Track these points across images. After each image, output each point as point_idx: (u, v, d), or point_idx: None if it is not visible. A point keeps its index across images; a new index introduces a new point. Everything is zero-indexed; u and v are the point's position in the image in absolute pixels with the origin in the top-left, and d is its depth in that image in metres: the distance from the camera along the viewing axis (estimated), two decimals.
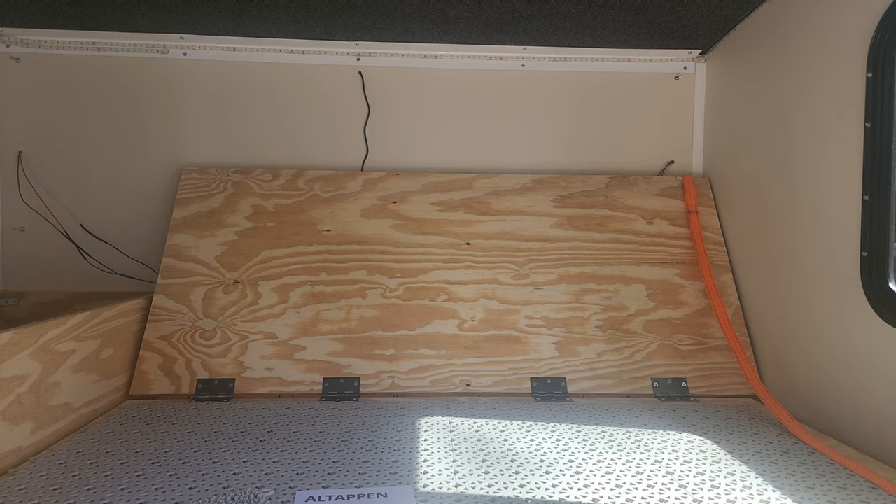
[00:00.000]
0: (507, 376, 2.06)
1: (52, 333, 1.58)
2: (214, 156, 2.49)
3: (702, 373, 2.08)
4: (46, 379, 1.56)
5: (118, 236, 2.44)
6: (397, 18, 2.20)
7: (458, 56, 2.51)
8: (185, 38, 2.41)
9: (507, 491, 1.30)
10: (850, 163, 1.66)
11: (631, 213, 2.36)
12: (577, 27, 2.28)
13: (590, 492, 1.30)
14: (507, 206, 2.36)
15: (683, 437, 1.63)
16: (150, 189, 2.46)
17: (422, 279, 2.21)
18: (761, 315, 2.09)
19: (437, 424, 1.72)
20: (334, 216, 2.31)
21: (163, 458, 1.46)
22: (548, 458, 1.48)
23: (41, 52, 2.41)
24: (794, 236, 1.90)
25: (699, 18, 2.20)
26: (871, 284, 1.58)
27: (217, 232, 2.26)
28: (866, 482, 1.36)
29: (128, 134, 2.46)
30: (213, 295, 2.15)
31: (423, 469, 1.40)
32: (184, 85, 2.47)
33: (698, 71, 2.57)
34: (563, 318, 2.17)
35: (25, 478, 1.35)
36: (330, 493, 1.27)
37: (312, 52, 2.48)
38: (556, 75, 2.56)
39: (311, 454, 1.49)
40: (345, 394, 1.99)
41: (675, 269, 2.27)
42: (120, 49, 2.43)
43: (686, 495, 1.29)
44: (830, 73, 1.75)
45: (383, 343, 2.10)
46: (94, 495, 1.26)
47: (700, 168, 2.57)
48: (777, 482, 1.36)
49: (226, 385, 1.99)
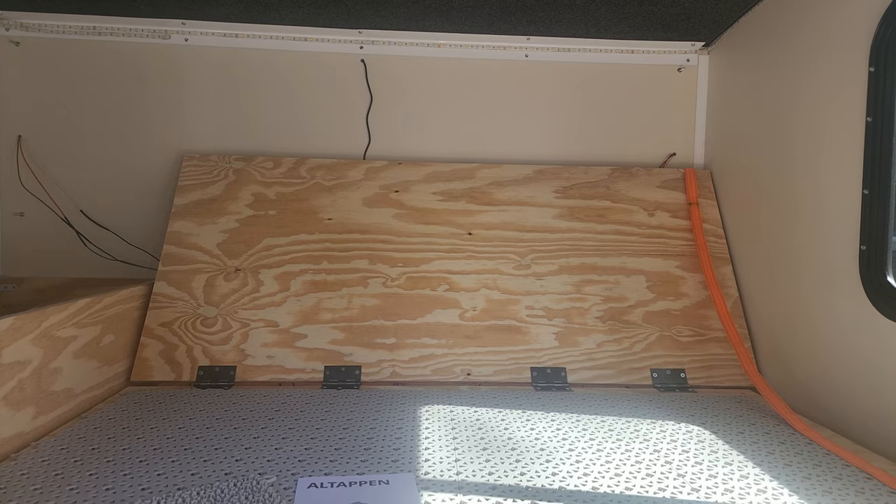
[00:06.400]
0: (508, 366, 2.07)
1: (54, 319, 1.58)
2: (216, 143, 2.48)
3: (700, 364, 2.10)
4: (48, 365, 1.56)
5: (118, 222, 2.44)
6: (400, 7, 2.19)
7: (461, 45, 2.50)
8: (187, 24, 2.39)
9: (508, 479, 1.31)
10: (851, 157, 1.67)
11: (632, 204, 2.37)
12: (580, 17, 2.27)
13: (589, 480, 1.31)
14: (509, 196, 2.36)
15: (682, 427, 1.65)
16: (150, 175, 2.45)
17: (423, 269, 2.22)
18: (760, 307, 2.10)
19: (438, 413, 1.73)
20: (336, 205, 2.31)
21: (165, 445, 1.46)
22: (548, 446, 1.49)
23: (41, 36, 2.39)
24: (794, 229, 1.91)
25: (703, 11, 2.20)
26: (870, 278, 1.60)
27: (218, 219, 2.26)
28: (861, 472, 1.38)
29: (128, 120, 2.45)
30: (215, 282, 2.15)
31: (424, 457, 1.41)
32: (185, 71, 2.46)
33: (701, 63, 2.56)
34: (563, 309, 2.18)
35: (27, 463, 1.35)
36: (332, 479, 1.28)
37: (315, 40, 2.46)
38: (558, 66, 2.55)
39: (312, 441, 1.50)
40: (346, 382, 2.00)
41: (676, 260, 2.28)
42: (121, 34, 2.40)
43: (684, 484, 1.30)
44: (833, 68, 1.75)
45: (384, 332, 2.11)
46: (96, 480, 1.27)
47: (701, 160, 2.57)
48: (774, 472, 1.37)
49: (227, 372, 2.00)
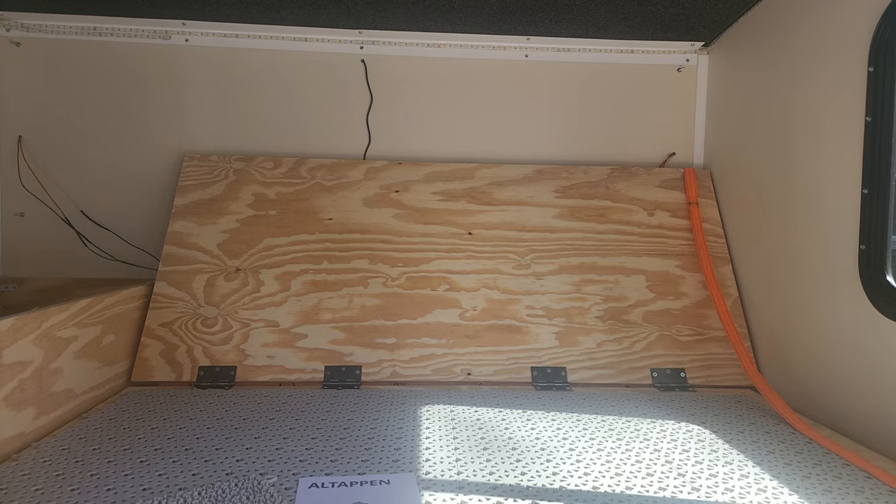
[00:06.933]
0: (508, 365, 2.07)
1: (54, 320, 1.58)
2: (216, 143, 2.48)
3: (700, 363, 2.10)
4: (48, 365, 1.56)
5: (119, 223, 2.44)
6: (401, 7, 2.19)
7: (461, 45, 2.50)
8: (188, 24, 2.39)
9: (509, 478, 1.31)
10: (850, 156, 1.67)
11: (632, 204, 2.37)
12: (580, 17, 2.27)
13: (590, 480, 1.31)
14: (509, 196, 2.36)
15: (682, 427, 1.65)
16: (151, 176, 2.45)
17: (423, 268, 2.22)
18: (760, 307, 2.10)
19: (439, 413, 1.73)
20: (336, 205, 2.31)
21: (165, 445, 1.46)
22: (548, 446, 1.50)
23: (42, 37, 2.39)
24: (794, 229, 1.91)
25: (702, 11, 2.20)
26: (869, 277, 1.60)
27: (219, 219, 2.26)
28: (861, 472, 1.38)
29: (129, 120, 2.45)
30: (215, 282, 2.15)
31: (425, 457, 1.42)
32: (186, 71, 2.46)
33: (700, 63, 2.56)
34: (563, 309, 2.18)
35: (28, 463, 1.35)
36: (332, 479, 1.28)
37: (315, 40, 2.46)
38: (558, 66, 2.55)
39: (313, 441, 1.50)
40: (346, 382, 2.00)
41: (676, 260, 2.28)
42: (121, 34, 2.41)
43: (685, 483, 1.30)
44: (832, 67, 1.75)
45: (385, 332, 2.11)
46: (97, 481, 1.27)
47: (701, 160, 2.57)
48: (774, 471, 1.37)
49: (227, 372, 2.00)
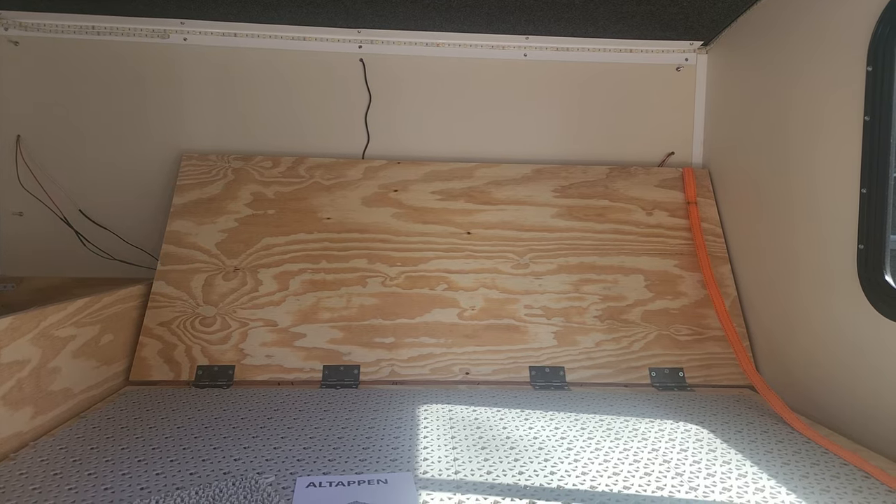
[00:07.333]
0: (507, 365, 2.07)
1: (52, 319, 1.58)
2: (214, 142, 2.48)
3: (699, 363, 2.10)
4: (46, 364, 1.56)
5: (117, 222, 2.44)
6: (399, 6, 2.19)
7: (460, 45, 2.50)
8: (186, 24, 2.39)
9: (507, 477, 1.31)
10: (849, 156, 1.67)
11: (631, 203, 2.37)
12: (579, 17, 2.27)
13: (588, 479, 1.31)
14: (508, 195, 2.36)
15: (680, 426, 1.65)
16: (149, 175, 2.45)
17: (422, 268, 2.22)
18: (758, 306, 2.11)
19: (437, 412, 1.73)
20: (335, 204, 2.31)
21: (163, 444, 1.46)
22: (546, 445, 1.50)
23: (40, 36, 2.38)
24: (792, 228, 1.91)
25: (701, 10, 2.20)
26: (868, 277, 1.60)
27: (217, 219, 2.26)
28: (859, 471, 1.38)
29: (127, 119, 2.45)
30: (213, 282, 2.15)
31: (422, 456, 1.42)
32: (184, 70, 2.46)
33: (699, 62, 2.56)
34: (562, 308, 2.18)
35: (26, 462, 1.35)
36: (330, 479, 1.28)
37: (314, 39, 2.46)
38: (557, 65, 2.55)
39: (311, 441, 1.50)
40: (344, 381, 2.00)
41: (674, 259, 2.28)
42: (120, 33, 2.40)
43: (682, 483, 1.30)
44: (831, 67, 1.75)
45: (383, 331, 2.11)
46: (94, 480, 1.27)
47: (700, 159, 2.57)
48: (772, 471, 1.37)
49: (226, 372, 2.00)
